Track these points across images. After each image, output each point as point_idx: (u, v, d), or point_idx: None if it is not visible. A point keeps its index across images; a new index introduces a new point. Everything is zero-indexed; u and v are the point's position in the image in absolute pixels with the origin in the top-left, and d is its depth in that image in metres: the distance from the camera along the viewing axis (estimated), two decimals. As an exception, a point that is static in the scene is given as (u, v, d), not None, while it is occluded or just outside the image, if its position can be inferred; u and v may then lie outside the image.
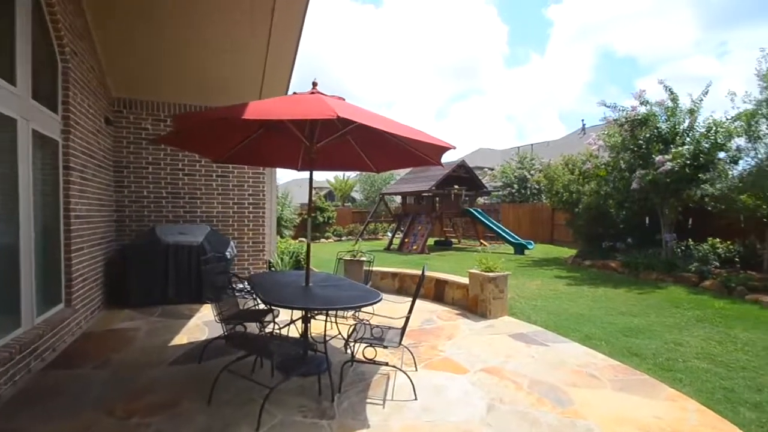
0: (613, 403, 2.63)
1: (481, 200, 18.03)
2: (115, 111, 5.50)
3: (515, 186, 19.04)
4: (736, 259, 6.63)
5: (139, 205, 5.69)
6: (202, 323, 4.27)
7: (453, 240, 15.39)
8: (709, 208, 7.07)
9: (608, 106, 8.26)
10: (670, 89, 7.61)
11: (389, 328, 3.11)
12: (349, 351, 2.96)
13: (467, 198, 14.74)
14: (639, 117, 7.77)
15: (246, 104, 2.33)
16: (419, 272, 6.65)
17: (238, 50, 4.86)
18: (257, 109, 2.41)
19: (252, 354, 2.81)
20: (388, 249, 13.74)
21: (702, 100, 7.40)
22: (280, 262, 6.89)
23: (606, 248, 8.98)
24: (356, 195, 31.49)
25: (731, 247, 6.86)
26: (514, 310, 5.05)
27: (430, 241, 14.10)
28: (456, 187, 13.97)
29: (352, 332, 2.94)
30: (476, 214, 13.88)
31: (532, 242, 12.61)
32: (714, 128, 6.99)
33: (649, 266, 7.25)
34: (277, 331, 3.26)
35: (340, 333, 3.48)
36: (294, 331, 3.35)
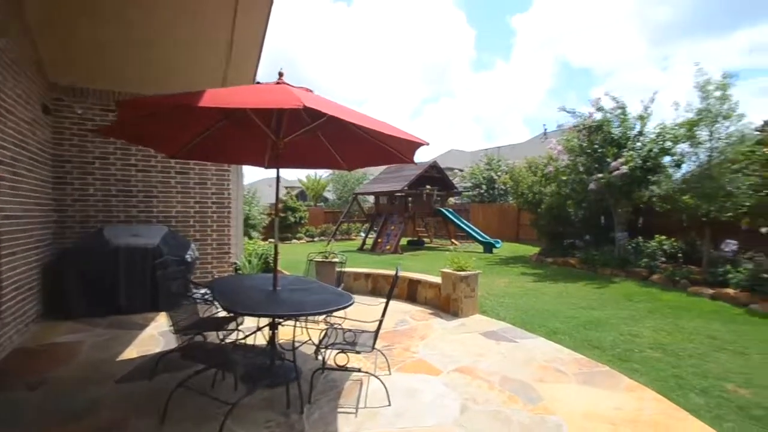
0: (579, 396, 2.73)
1: (452, 200, 18.41)
2: (54, 99, 4.94)
3: (484, 187, 19.65)
4: (680, 255, 7.24)
5: (83, 204, 5.15)
6: (158, 334, 3.94)
7: (425, 240, 15.57)
8: (657, 208, 7.65)
9: (568, 112, 8.79)
10: (615, 99, 8.22)
11: (362, 331, 3.04)
12: (320, 358, 2.85)
13: (439, 198, 14.97)
14: (595, 123, 8.28)
15: (203, 91, 2.13)
16: (392, 272, 6.59)
17: (198, 36, 4.52)
18: (216, 97, 2.19)
19: (211, 367, 2.60)
20: (361, 249, 13.63)
21: (649, 107, 8.03)
22: (247, 264, 6.54)
23: (566, 246, 9.47)
24: (329, 195, 31.04)
25: (675, 243, 7.47)
26: (484, 308, 5.15)
27: (403, 240, 14.17)
28: (428, 187, 14.12)
29: (323, 338, 2.79)
30: (448, 214, 14.13)
31: (499, 241, 13.04)
32: (663, 134, 7.59)
33: (605, 262, 7.73)
34: (242, 340, 3.06)
35: (310, 339, 3.33)
36: (261, 339, 3.17)
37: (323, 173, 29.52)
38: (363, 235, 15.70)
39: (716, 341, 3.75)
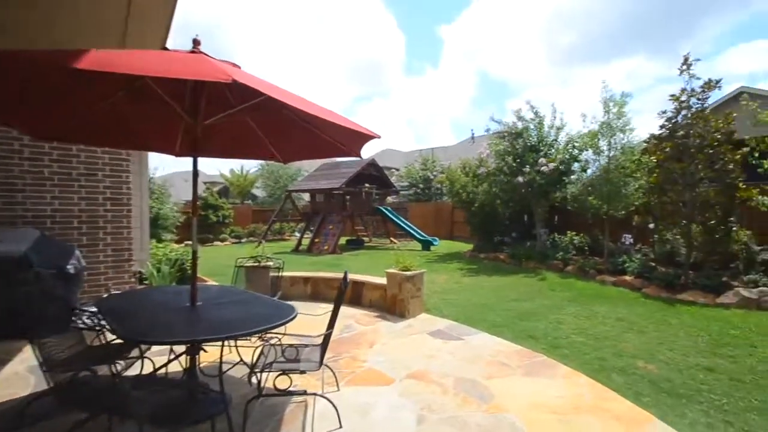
0: (525, 389, 2.89)
1: (390, 199, 18.67)
2: None
3: (420, 186, 20.35)
4: (586, 248, 8.36)
5: None
6: (26, 370, 3.03)
7: (365, 239, 15.48)
8: (569, 207, 8.73)
9: (496, 121, 9.73)
10: (534, 109, 9.28)
11: (305, 345, 2.73)
12: (255, 380, 2.46)
13: (377, 196, 15.01)
14: (517, 130, 9.13)
15: (86, 50, 1.60)
16: (334, 275, 6.30)
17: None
18: (108, 60, 1.66)
19: (100, 414, 2.02)
20: (296, 250, 12.98)
21: (561, 119, 9.16)
22: (156, 273, 5.41)
23: (497, 242, 10.26)
24: (258, 192, 28.94)
25: (582, 239, 8.60)
26: (428, 306, 5.23)
27: (342, 240, 13.87)
28: (367, 185, 14.03)
29: (259, 357, 2.43)
30: (387, 212, 14.23)
31: (437, 239, 13.59)
32: (571, 142, 8.68)
33: (528, 256, 8.55)
34: (155, 370, 2.51)
35: (242, 360, 2.87)
36: (179, 366, 2.62)
37: (250, 168, 27.55)
38: (298, 235, 15.00)
39: (623, 323, 4.35)
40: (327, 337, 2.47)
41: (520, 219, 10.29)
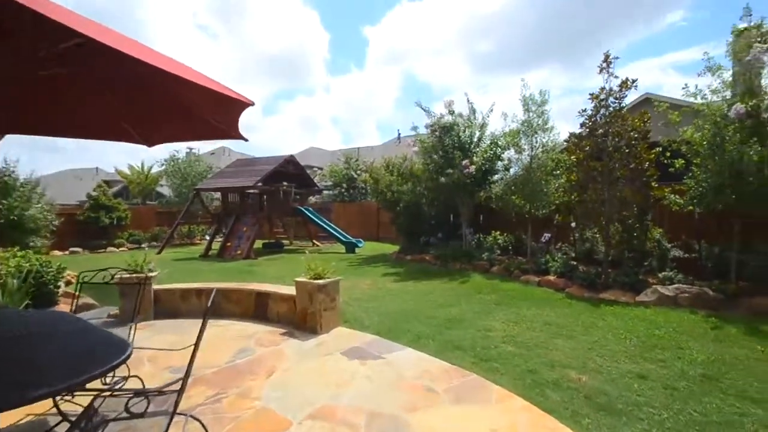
0: (454, 422, 2.37)
1: (312, 199, 17.55)
2: None
3: (344, 185, 19.55)
4: (510, 248, 8.49)
5: None
6: None
7: (285, 241, 14.18)
8: (494, 206, 8.79)
9: (423, 109, 9.19)
10: (468, 100, 9.15)
11: (159, 393, 1.93)
12: None
13: (298, 196, 13.87)
14: (446, 124, 8.90)
15: None
16: (237, 286, 5.26)
17: None
18: None
19: None
20: (205, 255, 11.30)
21: (487, 117, 9.21)
22: (0, 291, 4.14)
23: (423, 243, 10.00)
24: (165, 191, 25.06)
25: (506, 238, 8.76)
26: (347, 317, 4.56)
27: (258, 243, 12.41)
28: (285, 184, 12.84)
29: (87, 414, 1.74)
30: (308, 213, 13.17)
31: (362, 240, 12.96)
32: (495, 142, 8.78)
33: (455, 257, 8.36)
34: None
35: (64, 417, 1.98)
36: None
37: (153, 163, 23.88)
38: (208, 238, 13.07)
39: (551, 327, 4.15)
40: (183, 382, 1.79)
41: (446, 219, 10.18)
